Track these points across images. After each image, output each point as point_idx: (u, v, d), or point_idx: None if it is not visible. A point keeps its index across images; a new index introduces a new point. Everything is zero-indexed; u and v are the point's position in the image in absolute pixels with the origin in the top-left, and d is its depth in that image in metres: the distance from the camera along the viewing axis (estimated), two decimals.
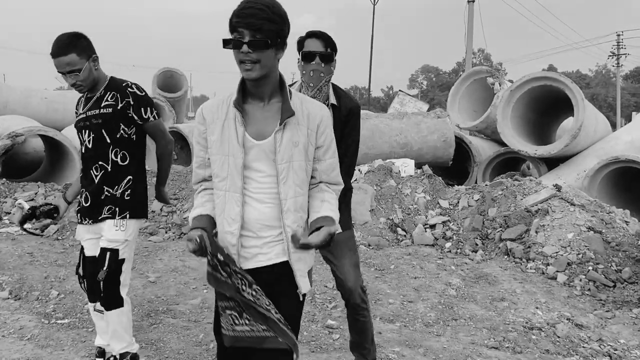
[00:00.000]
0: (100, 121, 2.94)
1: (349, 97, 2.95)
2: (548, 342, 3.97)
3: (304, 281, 2.10)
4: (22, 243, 6.35)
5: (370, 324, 3.08)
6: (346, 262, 2.92)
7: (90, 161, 3.00)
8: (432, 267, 5.81)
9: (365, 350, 3.11)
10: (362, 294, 2.97)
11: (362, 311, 3.00)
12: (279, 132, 2.00)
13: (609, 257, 5.67)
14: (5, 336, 3.79)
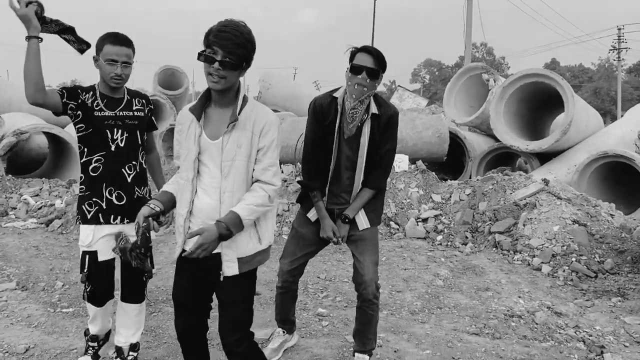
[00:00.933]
0: (136, 122, 3.10)
1: (388, 106, 3.12)
2: (526, 329, 4.19)
3: (228, 265, 2.38)
4: (28, 237, 6.60)
5: (376, 319, 3.28)
6: (367, 258, 3.16)
7: (122, 160, 3.06)
8: (422, 259, 6.03)
9: (366, 340, 3.31)
10: (375, 291, 3.15)
11: (372, 305, 3.19)
12: (226, 134, 2.33)
13: (592, 249, 5.88)
14: (14, 324, 4.02)
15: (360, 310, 3.24)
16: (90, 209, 3.03)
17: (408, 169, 8.21)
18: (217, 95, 2.37)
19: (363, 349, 3.31)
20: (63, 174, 9.93)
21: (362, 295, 3.16)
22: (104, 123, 3.02)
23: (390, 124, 3.07)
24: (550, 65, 78.21)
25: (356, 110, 2.97)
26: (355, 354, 3.32)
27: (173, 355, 3.55)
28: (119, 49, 2.95)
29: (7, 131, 9.06)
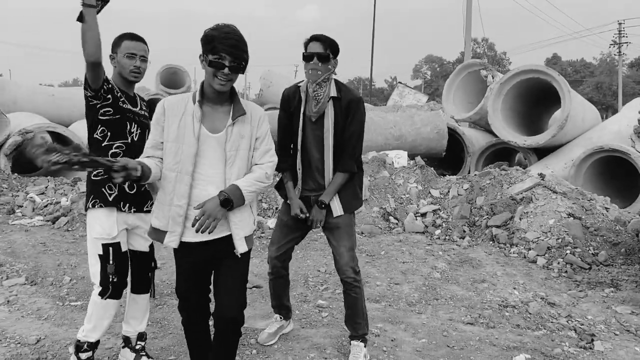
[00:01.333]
0: (146, 121, 3.26)
1: (349, 90, 3.31)
2: (520, 318, 4.32)
3: (240, 243, 2.60)
4: (35, 234, 6.74)
5: (361, 302, 3.46)
6: (342, 244, 3.36)
7: (135, 152, 2.99)
8: (420, 253, 6.16)
9: (357, 325, 3.48)
10: (354, 274, 3.36)
11: (354, 288, 3.40)
12: (230, 127, 2.55)
13: (587, 242, 6.01)
14: (25, 316, 4.17)
15: (345, 295, 3.45)
16: (111, 191, 3.09)
17: (407, 164, 8.34)
18: (217, 95, 2.54)
19: (355, 334, 3.48)
20: (67, 173, 10.08)
21: (342, 280, 3.39)
22: (126, 115, 3.15)
23: (351, 108, 3.25)
24: (551, 60, 78.12)
25: (317, 93, 3.22)
26: (352, 342, 3.49)
27: (178, 344, 3.69)
28: (136, 44, 3.14)
29: (13, 130, 9.22)
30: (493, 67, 11.64)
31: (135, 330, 3.36)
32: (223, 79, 2.45)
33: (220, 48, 2.40)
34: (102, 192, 3.08)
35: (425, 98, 18.79)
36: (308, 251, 6.12)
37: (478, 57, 74.96)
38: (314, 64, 3.16)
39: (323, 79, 3.19)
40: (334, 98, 3.25)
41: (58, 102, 12.71)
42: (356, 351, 3.42)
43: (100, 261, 3.07)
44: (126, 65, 3.11)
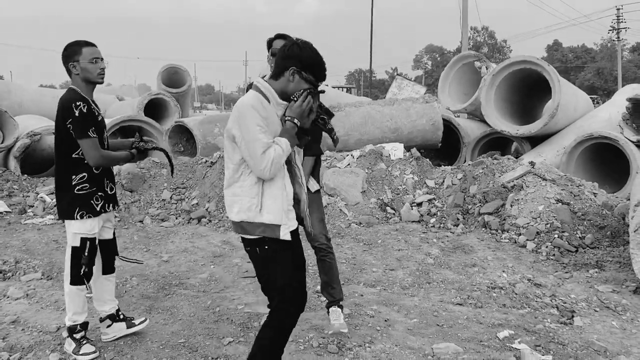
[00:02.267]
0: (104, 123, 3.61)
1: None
2: (506, 298, 4.61)
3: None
4: (47, 232, 7.06)
5: (335, 267, 3.88)
6: (314, 216, 3.67)
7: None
8: (415, 241, 6.45)
9: (332, 290, 3.89)
10: (326, 240, 3.82)
11: (327, 253, 3.81)
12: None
13: (575, 226, 6.28)
14: (44, 308, 4.48)
15: (320, 262, 3.86)
16: (98, 202, 3.47)
17: (403, 156, 8.60)
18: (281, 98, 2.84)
19: (332, 299, 3.87)
20: None
21: (316, 247, 3.80)
22: (103, 125, 3.52)
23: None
24: (552, 46, 78.01)
25: None
26: (329, 309, 3.87)
27: (187, 329, 4.00)
28: (95, 49, 3.39)
29: (21, 133, 9.52)
30: (487, 59, 11.87)
31: (114, 306, 3.81)
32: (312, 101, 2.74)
33: (321, 77, 2.78)
34: (90, 204, 3.42)
35: (424, 89, 19.01)
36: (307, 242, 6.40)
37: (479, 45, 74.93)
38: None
39: None
40: None
41: None
42: (336, 315, 3.80)
43: (74, 253, 3.47)
44: (93, 70, 3.36)
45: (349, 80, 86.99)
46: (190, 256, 5.97)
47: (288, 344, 3.70)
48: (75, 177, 3.38)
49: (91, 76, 3.37)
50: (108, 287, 3.80)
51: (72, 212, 3.40)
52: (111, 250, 3.77)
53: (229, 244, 6.43)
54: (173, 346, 3.72)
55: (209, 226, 7.29)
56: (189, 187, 8.42)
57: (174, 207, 7.96)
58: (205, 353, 3.61)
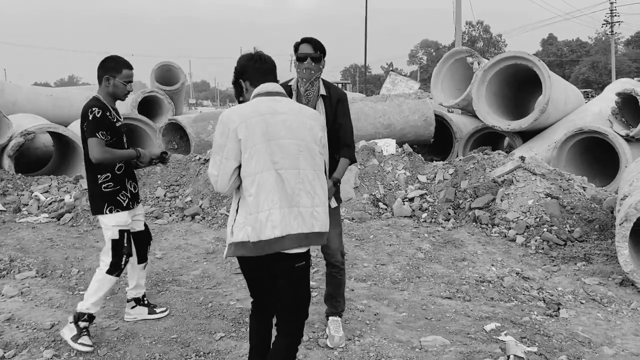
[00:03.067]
0: (125, 128, 3.95)
1: (336, 88, 3.75)
2: (494, 292, 4.69)
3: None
4: (41, 230, 7.09)
5: (344, 283, 3.85)
6: (332, 231, 3.55)
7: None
8: (407, 236, 6.52)
9: (336, 303, 3.86)
10: (340, 257, 3.75)
11: (339, 270, 3.77)
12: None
13: (564, 220, 6.36)
14: (38, 305, 4.54)
15: (329, 276, 3.82)
16: (125, 198, 3.81)
17: (395, 152, 8.67)
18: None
19: (334, 310, 3.85)
20: (69, 171, 10.42)
21: (330, 262, 3.75)
22: (121, 131, 3.86)
23: (340, 103, 3.66)
24: (547, 40, 78.15)
25: (309, 91, 3.59)
26: (329, 318, 3.85)
27: (180, 325, 4.06)
28: (131, 72, 3.81)
29: (15, 132, 9.54)
30: (479, 54, 11.94)
31: (143, 291, 4.22)
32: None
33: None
34: (117, 200, 3.76)
35: (418, 85, 19.07)
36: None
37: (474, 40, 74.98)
38: (308, 64, 3.51)
39: (315, 77, 3.55)
40: (323, 96, 3.61)
41: (57, 102, 13.01)
42: (336, 325, 3.78)
43: (114, 245, 3.72)
44: (122, 90, 3.78)
45: (345, 75, 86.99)
46: (183, 253, 6.03)
47: None
48: (100, 177, 3.74)
49: (119, 94, 3.80)
50: (141, 274, 4.18)
51: (102, 208, 3.73)
52: (143, 241, 4.11)
53: (222, 241, 6.49)
54: (165, 342, 3.79)
55: (203, 223, 7.34)
56: (182, 184, 8.46)
57: (168, 205, 8.01)
58: (197, 348, 3.67)
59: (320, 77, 3.61)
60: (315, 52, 3.51)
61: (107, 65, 3.75)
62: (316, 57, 3.51)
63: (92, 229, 7.19)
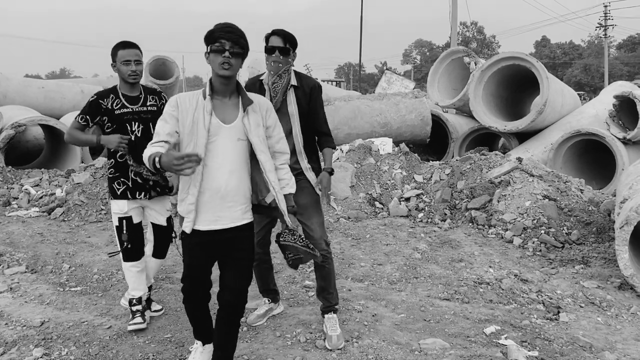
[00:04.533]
0: (149, 116, 3.81)
1: (309, 78, 3.68)
2: (493, 294, 4.63)
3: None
4: (31, 225, 6.97)
5: (332, 273, 3.78)
6: (314, 220, 3.64)
7: (138, 148, 3.64)
8: (403, 235, 6.46)
9: (329, 295, 3.80)
10: (325, 246, 3.66)
11: (326, 259, 3.66)
12: (245, 118, 2.85)
13: (561, 222, 6.32)
14: (28, 302, 4.42)
15: (318, 267, 3.72)
16: (120, 187, 3.78)
17: (392, 151, 8.61)
18: (223, 85, 2.82)
19: (328, 304, 3.78)
20: (60, 164, 10.27)
21: None
22: (124, 118, 3.75)
23: (314, 93, 3.62)
24: (541, 42, 78.53)
25: (277, 84, 3.51)
26: (325, 316, 3.77)
27: (174, 324, 3.97)
28: (129, 51, 3.70)
29: (6, 124, 9.38)
30: (476, 54, 11.90)
31: (150, 281, 4.17)
32: (226, 62, 2.71)
33: (219, 35, 2.71)
34: (112, 188, 3.81)
35: (413, 84, 19.01)
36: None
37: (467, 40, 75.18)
38: (276, 57, 3.44)
39: (283, 70, 3.49)
40: (294, 87, 3.55)
41: (48, 94, 12.81)
42: (332, 323, 3.70)
43: (117, 232, 3.82)
44: (124, 71, 3.70)
45: (339, 74, 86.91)
46: (176, 250, 5.91)
47: (275, 339, 3.70)
48: (108, 162, 3.89)
49: (124, 76, 3.73)
50: (153, 265, 4.13)
51: (109, 194, 3.88)
52: (162, 236, 4.02)
53: None
54: (159, 341, 3.70)
55: None
56: None
57: None
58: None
59: (289, 69, 3.54)
60: (284, 44, 3.44)
61: (111, 54, 3.76)
62: (284, 50, 3.45)
63: (84, 224, 7.08)
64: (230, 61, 2.72)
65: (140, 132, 3.78)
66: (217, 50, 2.72)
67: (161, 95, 3.93)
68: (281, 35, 3.46)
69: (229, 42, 2.71)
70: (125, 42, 3.75)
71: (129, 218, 3.80)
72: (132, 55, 3.70)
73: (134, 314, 3.89)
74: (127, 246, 3.81)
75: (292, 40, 3.49)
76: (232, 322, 3.03)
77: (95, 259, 5.56)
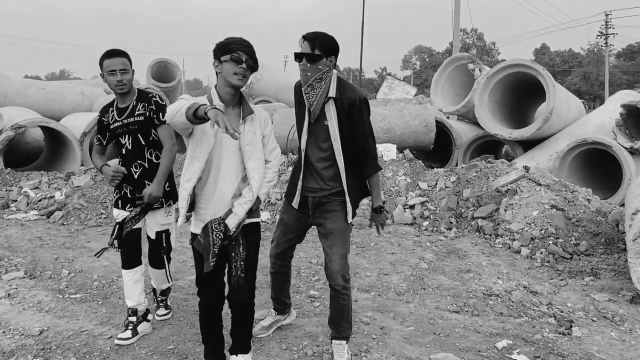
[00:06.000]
0: (136, 127, 3.60)
1: (352, 90, 3.19)
2: (503, 306, 4.52)
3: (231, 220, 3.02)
4: (30, 228, 6.85)
5: (348, 307, 3.40)
6: (336, 251, 3.29)
7: (130, 160, 3.65)
8: (408, 244, 6.35)
9: (340, 328, 3.44)
10: (342, 281, 3.28)
11: (342, 295, 3.32)
12: (242, 125, 2.97)
13: (569, 232, 6.22)
14: (26, 309, 4.31)
15: (332, 299, 3.39)
16: (115, 195, 3.78)
17: (396, 157, 8.51)
18: (230, 95, 2.95)
19: (338, 335, 3.46)
20: (60, 166, 10.15)
21: (331, 286, 3.34)
22: (116, 132, 3.64)
23: (354, 108, 3.15)
24: (540, 50, 78.61)
25: (309, 95, 3.14)
26: (333, 341, 3.49)
27: (177, 334, 3.86)
28: (114, 60, 3.51)
29: (5, 125, 9.26)
30: (480, 61, 11.82)
31: (158, 287, 4.10)
32: (241, 73, 2.85)
33: (237, 47, 2.85)
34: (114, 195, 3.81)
35: (414, 90, 18.95)
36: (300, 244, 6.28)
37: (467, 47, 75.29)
38: (303, 65, 3.09)
39: (315, 79, 3.09)
40: (334, 99, 3.15)
41: (49, 95, 12.71)
42: (339, 349, 3.43)
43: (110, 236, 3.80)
44: (111, 82, 3.53)
45: None
46: (178, 256, 5.81)
47: (281, 352, 3.59)
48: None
49: (111, 87, 3.58)
50: (154, 277, 4.05)
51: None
52: (154, 248, 3.90)
53: None
54: (162, 352, 3.58)
55: None
56: (177, 183, 8.23)
57: None
58: None
59: (326, 77, 3.11)
60: (312, 50, 3.03)
61: (98, 64, 3.60)
62: (312, 57, 3.05)
63: (83, 228, 6.96)
64: (246, 73, 2.86)
65: (131, 145, 3.63)
66: (235, 60, 2.84)
67: (151, 101, 3.63)
68: (309, 39, 3.06)
69: (245, 55, 2.85)
70: (111, 50, 3.56)
71: (120, 223, 3.72)
72: (118, 64, 3.50)
73: (126, 325, 3.77)
74: (119, 251, 3.75)
75: (325, 45, 3.08)
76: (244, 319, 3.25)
77: (95, 265, 5.44)
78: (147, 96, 3.68)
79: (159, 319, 4.11)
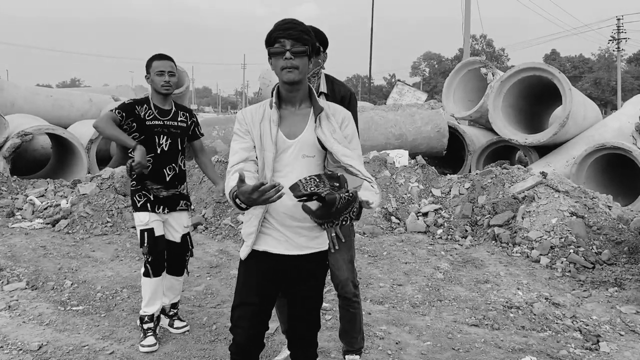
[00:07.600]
0: (178, 131, 3.80)
1: (341, 85, 3.18)
2: (525, 320, 4.30)
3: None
4: (35, 237, 6.70)
5: (359, 317, 3.25)
6: (341, 257, 3.10)
7: (165, 161, 3.74)
8: (422, 253, 6.14)
9: (352, 340, 3.27)
10: (353, 288, 3.14)
11: (352, 303, 3.17)
12: (318, 129, 2.34)
13: (590, 241, 5.98)
14: (26, 322, 4.14)
15: (342, 310, 3.23)
16: (140, 199, 3.72)
17: (408, 164, 8.31)
18: (289, 92, 2.37)
19: (351, 348, 3.29)
20: (67, 174, 10.04)
21: (340, 295, 3.18)
22: (154, 130, 3.71)
23: (345, 103, 3.05)
24: (550, 56, 78.16)
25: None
26: (346, 357, 3.30)
27: (182, 350, 3.67)
28: (163, 62, 3.70)
29: (12, 132, 9.17)
30: (493, 65, 11.61)
31: (170, 301, 4.01)
32: (288, 65, 2.26)
33: (277, 35, 2.27)
34: (134, 200, 3.75)
35: (425, 96, 18.73)
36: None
37: (476, 53, 75.05)
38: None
39: (312, 74, 3.04)
40: (325, 94, 3.09)
41: (57, 103, 12.64)
42: None
43: (140, 245, 3.70)
44: (157, 82, 3.68)
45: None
46: None
47: None
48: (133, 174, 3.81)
49: (157, 87, 3.71)
50: (168, 286, 3.98)
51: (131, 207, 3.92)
52: (176, 253, 3.90)
53: (226, 254, 6.10)
54: None
55: (205, 234, 6.96)
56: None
57: None
58: None
59: (317, 73, 3.07)
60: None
61: (145, 65, 3.79)
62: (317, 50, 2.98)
63: (89, 237, 6.81)
64: (294, 63, 2.25)
65: (168, 147, 3.76)
66: (277, 53, 2.28)
67: (192, 113, 3.94)
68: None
69: (289, 41, 2.25)
70: (161, 54, 3.77)
71: (150, 230, 3.71)
72: (167, 66, 3.70)
73: (145, 332, 3.73)
74: (148, 259, 3.70)
75: (323, 39, 3.02)
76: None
77: (99, 275, 5.28)
78: (185, 107, 3.94)
79: (178, 332, 3.99)
